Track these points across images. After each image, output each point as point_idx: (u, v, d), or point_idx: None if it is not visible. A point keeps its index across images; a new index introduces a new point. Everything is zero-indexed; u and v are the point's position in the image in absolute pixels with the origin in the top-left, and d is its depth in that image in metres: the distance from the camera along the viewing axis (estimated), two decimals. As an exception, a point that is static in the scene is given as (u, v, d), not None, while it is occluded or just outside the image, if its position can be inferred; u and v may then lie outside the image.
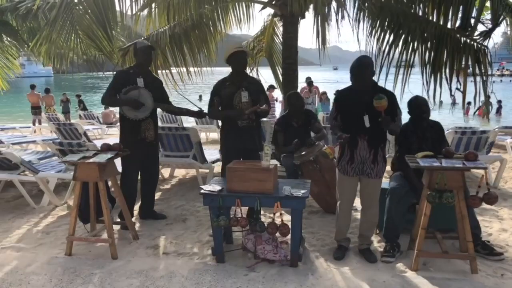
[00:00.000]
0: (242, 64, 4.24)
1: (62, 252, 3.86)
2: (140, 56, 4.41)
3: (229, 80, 4.28)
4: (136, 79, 4.37)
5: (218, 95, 4.27)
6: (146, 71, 4.50)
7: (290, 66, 5.74)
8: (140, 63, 4.43)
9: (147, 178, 4.63)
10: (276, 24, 7.50)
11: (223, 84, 4.29)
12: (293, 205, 3.43)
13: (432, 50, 4.76)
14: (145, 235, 4.25)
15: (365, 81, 3.56)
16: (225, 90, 4.24)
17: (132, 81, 4.35)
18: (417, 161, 3.44)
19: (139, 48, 4.40)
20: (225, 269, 3.52)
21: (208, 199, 3.50)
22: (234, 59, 4.18)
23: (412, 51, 4.90)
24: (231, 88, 4.22)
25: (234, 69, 4.26)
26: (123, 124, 4.45)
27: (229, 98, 4.21)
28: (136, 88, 4.33)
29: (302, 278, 3.34)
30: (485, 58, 4.62)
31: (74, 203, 3.82)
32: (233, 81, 4.24)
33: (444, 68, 4.76)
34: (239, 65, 4.22)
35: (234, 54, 4.16)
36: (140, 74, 4.39)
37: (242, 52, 4.23)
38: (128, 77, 4.37)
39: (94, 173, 3.70)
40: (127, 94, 4.30)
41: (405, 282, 3.26)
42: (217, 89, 4.30)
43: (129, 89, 4.31)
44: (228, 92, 4.21)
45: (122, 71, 4.69)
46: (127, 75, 4.41)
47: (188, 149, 5.73)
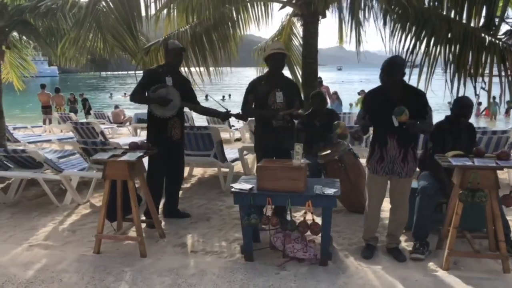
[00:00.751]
0: (280, 65, 4.30)
1: (90, 250, 3.88)
2: (171, 56, 4.43)
3: (265, 79, 4.33)
4: (165, 77, 4.39)
5: (253, 93, 4.32)
6: (175, 71, 4.52)
7: (310, 65, 5.74)
8: (170, 63, 4.46)
9: (173, 177, 4.65)
10: (294, 24, 7.50)
11: (259, 83, 4.33)
12: (324, 204, 3.43)
13: (457, 49, 4.74)
14: (171, 233, 4.27)
15: (396, 80, 3.55)
16: (260, 88, 4.28)
17: (161, 79, 4.38)
18: (449, 160, 3.43)
19: (171, 48, 4.42)
20: (255, 267, 3.52)
21: (239, 197, 3.51)
22: (273, 59, 4.21)
23: (436, 50, 4.88)
24: (266, 87, 4.26)
25: (271, 69, 4.30)
26: (150, 122, 4.48)
27: (263, 97, 4.24)
28: (164, 86, 4.36)
29: (334, 277, 3.34)
30: (510, 57, 4.59)
31: (103, 201, 3.84)
32: (269, 81, 4.28)
33: (469, 68, 4.74)
34: (276, 66, 4.27)
35: (274, 55, 4.19)
36: (169, 73, 4.42)
37: (281, 54, 4.26)
38: (158, 76, 4.40)
39: (124, 171, 3.72)
40: (156, 92, 4.32)
41: (438, 281, 3.25)
42: (253, 87, 4.35)
43: (157, 87, 4.33)
44: (263, 91, 4.25)
45: (151, 69, 4.73)
46: (157, 73, 4.43)
47: (209, 148, 5.75)
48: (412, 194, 3.86)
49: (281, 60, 4.27)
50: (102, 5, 5.00)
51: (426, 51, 4.95)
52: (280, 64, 4.29)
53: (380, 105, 3.62)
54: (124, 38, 5.14)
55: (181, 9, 6.38)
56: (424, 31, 4.93)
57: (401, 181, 3.68)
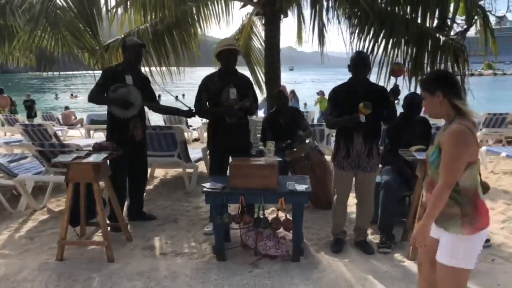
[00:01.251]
0: (232, 61, 4.16)
1: (52, 258, 3.69)
2: (130, 53, 4.28)
3: (217, 76, 4.20)
4: (125, 76, 4.24)
5: (205, 90, 4.19)
6: (135, 69, 4.38)
7: (272, 64, 5.78)
8: (129, 60, 4.31)
9: (136, 178, 4.52)
10: (255, 23, 7.53)
11: (212, 80, 4.20)
12: (297, 200, 3.46)
13: (414, 48, 4.94)
14: (138, 236, 4.15)
15: (363, 75, 3.65)
16: (213, 86, 4.15)
17: (120, 78, 4.23)
18: (413, 154, 3.57)
19: (130, 45, 4.28)
20: (228, 266, 3.49)
21: (211, 197, 3.47)
22: (225, 55, 4.09)
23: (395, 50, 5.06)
24: (220, 84, 4.13)
25: (224, 65, 4.17)
26: (110, 122, 4.31)
27: (217, 94, 4.12)
28: (125, 85, 4.21)
29: (307, 272, 3.38)
30: (463, 57, 4.85)
31: (66, 206, 3.66)
32: (222, 77, 4.16)
33: (426, 66, 4.96)
34: (229, 62, 4.14)
35: (226, 51, 4.08)
36: (129, 72, 4.28)
37: (234, 50, 4.17)
38: (117, 74, 4.24)
39: (89, 173, 3.57)
40: (116, 92, 4.18)
41: (406, 271, 3.38)
42: (205, 84, 4.21)
43: (117, 86, 4.18)
44: (216, 88, 4.13)
45: (110, 67, 4.56)
46: (116, 72, 4.27)
47: (172, 149, 5.64)
48: (376, 189, 3.98)
49: (233, 56, 4.15)
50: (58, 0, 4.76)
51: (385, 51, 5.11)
52: (233, 60, 4.15)
53: (346, 100, 3.70)
54: (83, 35, 4.92)
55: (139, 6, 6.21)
56: (383, 32, 5.09)
57: (366, 176, 3.78)
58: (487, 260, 3.54)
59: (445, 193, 2.05)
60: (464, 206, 2.08)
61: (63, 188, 5.89)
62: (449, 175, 2.03)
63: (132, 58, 4.30)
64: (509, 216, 4.55)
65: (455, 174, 2.03)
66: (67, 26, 4.91)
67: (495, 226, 4.30)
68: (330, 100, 3.88)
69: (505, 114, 9.31)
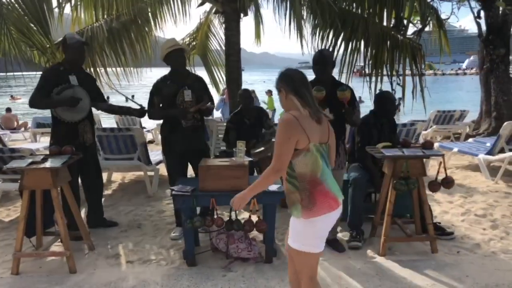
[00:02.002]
0: (181, 62, 4.01)
1: (7, 271, 3.42)
2: (72, 52, 3.99)
3: (170, 79, 4.02)
4: (69, 76, 3.98)
5: (158, 94, 4.01)
6: (78, 68, 4.12)
7: (234, 63, 5.70)
8: (72, 59, 4.02)
9: (91, 185, 4.28)
10: (212, 22, 7.41)
11: (164, 83, 4.01)
12: (268, 200, 3.40)
13: (374, 48, 5.04)
14: (101, 244, 3.93)
15: (328, 72, 3.66)
16: (166, 89, 3.97)
17: (64, 79, 3.95)
18: (382, 151, 3.62)
19: (70, 44, 3.97)
20: (200, 271, 3.38)
21: (180, 200, 3.33)
22: (172, 57, 3.92)
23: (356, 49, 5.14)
24: (173, 87, 3.96)
25: (174, 67, 4.01)
26: (56, 128, 4.03)
27: (171, 97, 3.95)
28: (70, 87, 3.95)
29: (282, 273, 3.33)
30: (420, 55, 5.01)
31: (21, 215, 3.39)
32: (174, 80, 3.99)
33: (385, 65, 5.07)
34: (178, 64, 3.99)
35: (172, 53, 3.90)
36: (72, 71, 4.01)
37: (180, 50, 4.00)
38: (59, 75, 3.96)
39: (47, 179, 3.32)
40: (60, 95, 3.91)
41: (378, 267, 3.42)
42: (157, 88, 4.02)
43: (62, 88, 3.91)
44: (169, 91, 3.96)
45: (51, 68, 4.21)
46: (57, 72, 3.98)
47: (132, 151, 5.40)
48: (344, 186, 4.00)
49: (182, 56, 4.00)
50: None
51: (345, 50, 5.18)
52: (183, 61, 4.03)
53: None
54: (33, 33, 4.57)
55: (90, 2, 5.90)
56: (343, 31, 5.16)
57: (334, 173, 3.77)
58: (452, 253, 3.66)
59: (271, 176, 2.22)
60: (301, 191, 2.20)
61: (12, 196, 5.50)
62: (275, 159, 2.18)
63: (74, 58, 4.01)
64: (467, 208, 4.74)
65: (281, 159, 2.17)
66: (14, 23, 4.55)
67: (455, 219, 4.46)
68: None
69: (453, 112, 9.78)
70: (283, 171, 2.20)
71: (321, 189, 2.20)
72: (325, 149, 2.30)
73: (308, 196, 2.19)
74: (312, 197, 2.18)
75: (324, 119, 2.31)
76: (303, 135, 2.16)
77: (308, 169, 2.20)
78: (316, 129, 2.22)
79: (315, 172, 2.20)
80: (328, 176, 2.26)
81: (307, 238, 2.25)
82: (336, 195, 2.26)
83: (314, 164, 2.20)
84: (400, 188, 3.50)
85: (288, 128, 2.16)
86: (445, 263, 3.45)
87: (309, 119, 2.20)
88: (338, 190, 2.30)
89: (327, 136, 2.32)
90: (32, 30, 4.55)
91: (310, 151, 2.19)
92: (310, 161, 2.20)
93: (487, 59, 9.87)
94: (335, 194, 2.26)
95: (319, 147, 2.24)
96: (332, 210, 2.23)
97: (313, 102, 2.25)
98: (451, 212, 4.67)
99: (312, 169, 2.20)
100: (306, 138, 2.17)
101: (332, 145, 2.40)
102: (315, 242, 2.26)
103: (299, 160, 2.19)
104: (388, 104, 4.12)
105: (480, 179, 6.04)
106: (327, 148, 2.33)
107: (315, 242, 2.26)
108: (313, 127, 2.21)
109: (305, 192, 2.19)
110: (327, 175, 2.25)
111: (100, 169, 4.37)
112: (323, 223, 2.24)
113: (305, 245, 2.25)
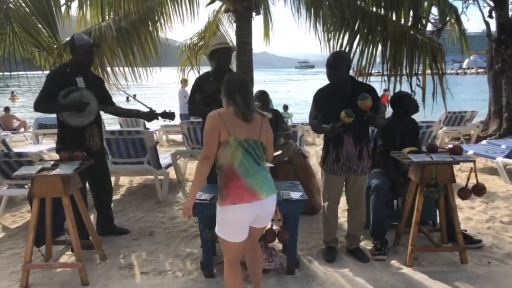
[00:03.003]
0: (226, 61, 4.06)
1: (15, 284, 3.25)
2: (81, 54, 3.82)
3: (212, 76, 4.02)
4: (75, 79, 3.81)
5: (200, 91, 4.00)
6: (85, 69, 3.95)
7: (245, 63, 5.51)
8: (80, 61, 3.86)
9: (100, 191, 4.12)
10: (221, 21, 7.24)
11: (206, 80, 4.02)
12: (291, 209, 3.23)
13: (393, 47, 4.87)
14: (113, 254, 3.75)
15: (342, 75, 3.48)
16: (208, 86, 3.95)
17: (70, 81, 3.79)
18: (409, 157, 3.44)
19: (79, 45, 3.81)
20: (219, 284, 3.21)
21: (199, 209, 3.15)
22: (218, 55, 3.94)
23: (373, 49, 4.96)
24: (216, 84, 3.85)
25: (218, 64, 4.01)
26: (63, 133, 3.86)
27: (214, 94, 3.83)
28: (77, 89, 3.78)
29: (305, 285, 3.16)
30: (440, 55, 4.83)
31: (31, 224, 3.22)
32: (218, 77, 3.87)
33: (404, 65, 4.89)
34: (223, 62, 4.01)
35: (219, 50, 3.93)
36: (79, 73, 3.84)
37: (227, 49, 4.03)
38: (66, 77, 3.79)
39: (58, 187, 3.15)
40: (67, 98, 3.74)
41: (407, 280, 3.24)
42: (200, 85, 4.04)
43: (68, 91, 3.74)
44: (212, 88, 3.88)
45: (57, 70, 4.01)
46: (64, 74, 3.81)
47: (141, 155, 5.22)
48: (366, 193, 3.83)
49: (229, 56, 4.06)
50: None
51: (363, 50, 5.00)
52: (228, 60, 4.07)
53: (331, 102, 3.52)
54: (40, 33, 4.39)
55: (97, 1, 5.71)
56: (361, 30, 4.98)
57: (358, 179, 3.62)
58: (482, 263, 3.48)
59: (201, 162, 2.48)
60: (221, 180, 2.49)
61: (17, 201, 5.33)
62: (204, 148, 2.49)
63: (83, 59, 3.85)
64: (491, 215, 4.56)
65: (205, 148, 2.47)
66: (20, 23, 4.36)
67: (480, 226, 4.29)
68: (314, 102, 3.69)
69: (463, 113, 9.59)
70: (211, 158, 2.46)
71: (236, 180, 2.42)
72: (253, 146, 2.49)
73: (224, 185, 2.45)
74: (226, 186, 2.44)
75: (256, 119, 2.52)
76: (223, 129, 2.43)
77: (226, 160, 2.45)
78: (241, 126, 2.45)
79: (231, 164, 2.44)
80: (251, 170, 2.45)
81: (222, 225, 2.50)
82: (254, 189, 2.43)
83: (232, 157, 2.44)
84: (430, 196, 3.32)
85: (210, 121, 2.47)
86: (477, 275, 3.28)
87: (233, 117, 2.45)
88: (260, 186, 2.45)
89: (258, 135, 2.52)
90: (39, 30, 4.36)
91: (229, 145, 2.44)
92: (229, 153, 2.44)
93: (498, 59, 9.69)
94: (253, 188, 2.43)
95: (243, 142, 2.45)
96: (244, 202, 2.40)
97: (244, 103, 2.46)
98: (475, 218, 4.50)
99: (229, 161, 2.44)
100: (226, 132, 2.43)
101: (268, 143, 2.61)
102: (230, 231, 2.48)
103: (220, 152, 2.46)
104: (405, 104, 3.94)
105: (498, 183, 5.87)
106: (257, 145, 2.52)
107: (229, 231, 2.48)
108: (237, 124, 2.45)
109: (222, 181, 2.47)
110: (249, 169, 2.45)
111: (109, 175, 4.19)
112: (235, 213, 2.43)
113: (221, 231, 2.51)
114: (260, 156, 2.55)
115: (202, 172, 2.48)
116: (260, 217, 2.57)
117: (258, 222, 2.60)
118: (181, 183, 6.16)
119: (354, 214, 3.70)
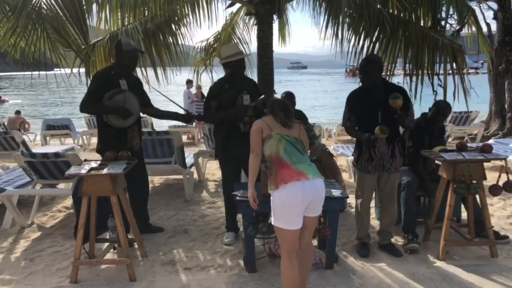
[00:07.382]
0: (242, 69, 4.10)
1: (65, 280, 3.35)
2: (127, 58, 3.96)
3: (228, 83, 4.04)
4: (119, 81, 3.94)
5: (216, 98, 4.00)
6: (129, 72, 4.09)
7: (266, 65, 5.63)
8: (125, 65, 3.99)
9: (138, 190, 4.22)
10: (238, 24, 7.32)
11: (222, 87, 4.03)
12: (332, 206, 3.35)
13: (414, 49, 5.01)
14: (153, 251, 3.86)
15: (374, 77, 3.63)
16: (225, 93, 3.98)
17: (115, 83, 3.92)
18: (442, 155, 3.58)
19: (127, 50, 3.93)
20: (263, 278, 3.33)
21: (244, 206, 3.27)
22: (234, 65, 3.97)
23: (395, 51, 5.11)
24: (232, 91, 3.98)
25: (233, 73, 4.03)
26: (105, 133, 3.97)
27: (230, 101, 3.96)
28: (121, 91, 3.91)
29: (347, 279, 3.29)
30: (460, 56, 4.98)
31: (80, 222, 3.32)
32: (233, 84, 4.01)
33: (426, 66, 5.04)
34: (238, 70, 4.03)
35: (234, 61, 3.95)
36: (122, 75, 3.97)
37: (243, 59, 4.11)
38: (110, 79, 3.92)
39: (107, 186, 3.26)
40: (112, 99, 3.87)
41: (443, 273, 3.37)
42: (215, 92, 4.03)
43: (113, 93, 3.87)
44: (228, 95, 3.96)
45: (103, 72, 4.16)
46: (109, 76, 3.94)
47: (168, 155, 5.33)
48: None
49: (243, 64, 4.11)
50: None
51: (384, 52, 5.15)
52: (243, 68, 4.11)
53: (364, 104, 3.67)
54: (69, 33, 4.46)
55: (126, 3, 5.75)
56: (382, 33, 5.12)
57: (391, 177, 3.76)
58: (511, 257, 3.63)
59: (252, 160, 2.82)
60: (269, 171, 2.77)
61: (45, 201, 5.40)
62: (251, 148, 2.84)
63: (128, 64, 3.99)
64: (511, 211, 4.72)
65: (252, 146, 2.82)
66: (51, 22, 4.43)
67: (503, 222, 4.45)
68: (347, 104, 3.82)
69: (469, 112, 9.77)
70: (259, 154, 2.80)
71: (283, 165, 2.68)
72: (294, 140, 2.79)
73: (273, 171, 2.71)
74: (274, 170, 2.71)
75: (295, 125, 2.88)
76: (266, 127, 2.80)
77: (272, 151, 2.74)
78: (281, 128, 2.80)
79: (277, 153, 2.73)
80: (295, 158, 2.71)
81: (276, 212, 2.67)
82: (300, 170, 2.66)
83: (276, 146, 2.74)
84: (461, 192, 3.48)
85: (255, 124, 2.86)
86: (508, 268, 3.42)
87: (275, 122, 2.82)
88: (306, 168, 2.68)
89: (297, 134, 2.85)
90: (69, 31, 4.43)
91: (272, 137, 2.76)
92: (273, 144, 2.74)
93: (502, 60, 9.89)
94: (299, 169, 2.66)
95: (285, 136, 2.77)
96: (294, 180, 2.61)
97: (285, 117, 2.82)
98: (496, 215, 4.65)
99: (275, 151, 2.73)
100: (269, 129, 2.79)
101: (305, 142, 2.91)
102: (285, 217, 2.64)
103: (265, 146, 2.78)
104: (441, 116, 4.10)
105: None
106: (297, 140, 2.82)
107: (285, 217, 2.64)
108: (277, 126, 2.80)
109: (271, 170, 2.74)
110: (294, 156, 2.72)
111: (146, 174, 4.30)
112: (288, 194, 2.61)
113: (276, 219, 2.68)
114: (302, 149, 2.82)
115: (253, 167, 2.82)
116: (314, 203, 2.70)
117: (311, 210, 2.72)
118: (202, 183, 6.28)
119: (387, 211, 3.84)
